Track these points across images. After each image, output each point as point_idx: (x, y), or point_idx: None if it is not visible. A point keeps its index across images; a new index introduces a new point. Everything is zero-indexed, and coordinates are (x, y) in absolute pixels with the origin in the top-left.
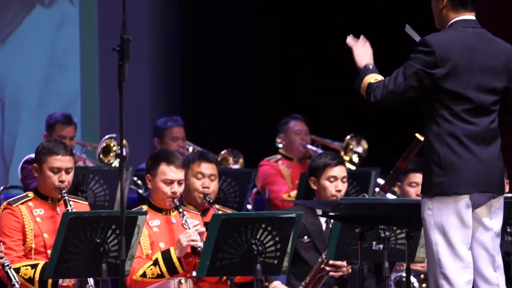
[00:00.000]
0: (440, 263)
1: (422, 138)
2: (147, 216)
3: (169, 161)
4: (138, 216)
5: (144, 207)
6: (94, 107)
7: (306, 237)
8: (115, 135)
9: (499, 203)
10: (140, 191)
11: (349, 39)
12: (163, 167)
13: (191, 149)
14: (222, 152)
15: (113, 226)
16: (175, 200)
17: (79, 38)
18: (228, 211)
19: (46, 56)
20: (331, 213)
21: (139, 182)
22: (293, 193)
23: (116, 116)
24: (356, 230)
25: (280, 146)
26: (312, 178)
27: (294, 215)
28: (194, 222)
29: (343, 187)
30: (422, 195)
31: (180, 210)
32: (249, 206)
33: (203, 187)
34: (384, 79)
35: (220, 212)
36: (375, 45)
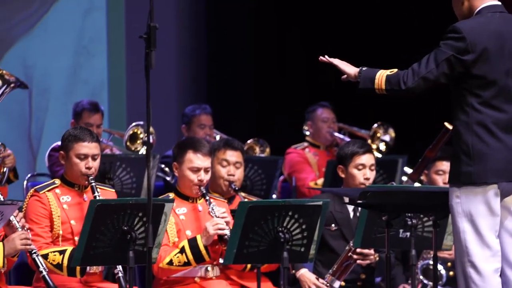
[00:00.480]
0: (468, 251)
1: (451, 127)
2: (174, 204)
3: (196, 149)
4: (165, 203)
5: (171, 195)
6: (121, 95)
7: (333, 225)
8: (142, 123)
9: None
10: (168, 178)
11: (324, 59)
12: (190, 155)
13: (218, 137)
14: (249, 141)
15: (140, 214)
16: (202, 187)
17: (106, 26)
18: (253, 198)
19: (73, 44)
20: (358, 200)
21: (166, 169)
22: (319, 181)
23: (143, 103)
24: (383, 218)
25: (307, 133)
26: (340, 166)
27: (321, 203)
28: (221, 209)
29: (371, 175)
30: (450, 184)
31: (207, 197)
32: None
33: (228, 175)
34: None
35: (245, 199)
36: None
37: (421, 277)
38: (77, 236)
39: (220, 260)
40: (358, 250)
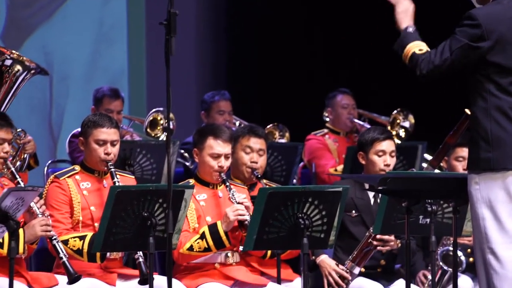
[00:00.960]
0: (487, 238)
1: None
2: (194, 190)
3: (216, 135)
4: (185, 190)
5: (191, 181)
6: (141, 81)
7: (354, 211)
8: (162, 109)
9: None
10: (187, 164)
11: None
12: (210, 141)
13: (237, 123)
14: (268, 126)
15: (160, 200)
16: (222, 174)
17: (126, 13)
18: (274, 186)
19: (93, 30)
20: (378, 187)
21: (185, 155)
22: (339, 167)
23: (163, 90)
24: (402, 204)
25: (327, 120)
26: (361, 152)
27: (340, 189)
28: (241, 196)
29: (391, 161)
30: (468, 170)
31: (227, 184)
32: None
33: (252, 162)
34: (430, 51)
35: (267, 186)
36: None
37: (441, 263)
38: (97, 222)
39: (240, 248)
40: (378, 237)
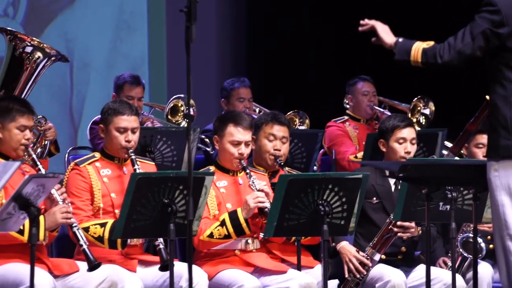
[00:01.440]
0: (506, 225)
1: None
2: (214, 177)
3: (236, 122)
4: (206, 176)
5: (212, 168)
6: (162, 68)
7: (375, 198)
8: (183, 96)
9: None
10: (208, 149)
11: (365, 24)
12: (231, 129)
13: (257, 110)
14: (288, 113)
15: (180, 187)
16: (242, 161)
17: (146, 0)
18: (295, 173)
19: (114, 18)
20: (398, 174)
21: (206, 140)
22: (359, 154)
23: (183, 77)
24: (422, 191)
25: (348, 107)
26: (382, 140)
27: (360, 176)
28: (261, 183)
29: (412, 148)
30: (487, 157)
31: (247, 171)
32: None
33: (275, 149)
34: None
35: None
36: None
37: (461, 250)
38: (117, 209)
39: (261, 234)
40: (399, 223)
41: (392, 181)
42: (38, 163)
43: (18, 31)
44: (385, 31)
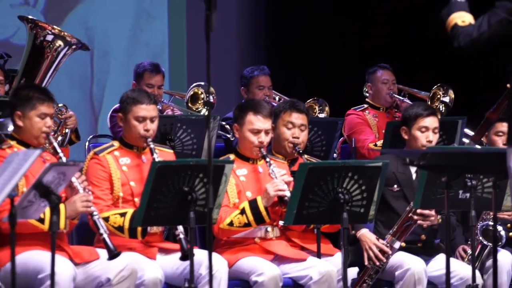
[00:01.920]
0: None
1: None
2: (234, 165)
3: (256, 110)
4: (225, 164)
5: (231, 156)
6: (182, 56)
7: (395, 185)
8: (203, 83)
9: None
10: (228, 136)
11: None
12: (251, 117)
13: (277, 98)
14: (308, 101)
15: (200, 175)
16: (262, 149)
17: None
18: (315, 161)
19: (134, 6)
20: (418, 162)
21: (227, 127)
22: (379, 142)
23: (203, 65)
24: (442, 179)
25: (367, 95)
26: (404, 127)
27: (380, 164)
28: (281, 171)
29: (434, 137)
30: (507, 145)
31: (267, 159)
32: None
33: (293, 137)
34: (470, 24)
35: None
36: None
37: (480, 238)
38: (137, 198)
39: (280, 222)
40: (419, 211)
41: (413, 169)
42: (59, 151)
43: (38, 20)
44: None
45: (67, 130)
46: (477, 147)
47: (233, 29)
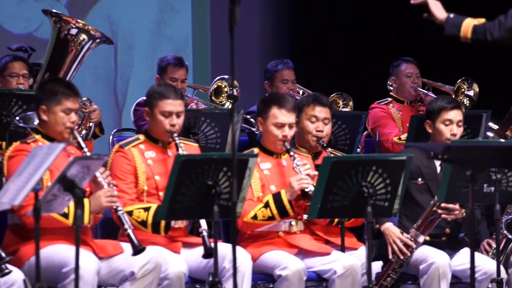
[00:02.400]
0: None
1: None
2: (258, 159)
3: (280, 104)
4: (249, 158)
5: (255, 150)
6: (206, 50)
7: (420, 179)
8: (227, 76)
9: None
10: (253, 129)
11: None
12: (274, 111)
13: (301, 92)
14: (332, 95)
15: (224, 169)
16: (286, 143)
17: None
18: (339, 154)
19: (158, 0)
20: (442, 155)
21: (251, 120)
22: (403, 136)
23: (227, 58)
24: (467, 173)
25: (391, 89)
26: (428, 121)
27: (404, 157)
28: (305, 165)
29: (458, 131)
30: None
31: (291, 153)
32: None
33: (317, 131)
34: (498, 17)
35: (332, 155)
36: None
37: (505, 232)
38: (161, 192)
39: (304, 216)
40: (443, 205)
41: (438, 162)
42: (83, 145)
43: (63, 13)
44: (437, 7)
45: (91, 124)
46: (501, 141)
47: (257, 22)
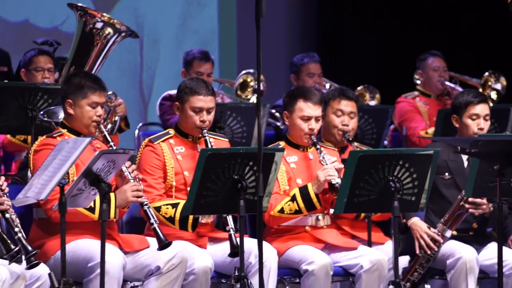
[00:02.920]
0: None
1: None
2: (285, 153)
3: (306, 97)
4: (276, 152)
5: (282, 144)
6: (232, 44)
7: (447, 173)
8: (252, 71)
9: None
10: (278, 124)
11: None
12: (301, 104)
13: (327, 85)
14: (359, 88)
15: (250, 163)
16: (313, 136)
17: None
18: (365, 148)
19: None
20: (469, 149)
21: (277, 115)
22: (430, 130)
23: (253, 52)
24: (494, 167)
25: (418, 82)
26: (455, 115)
27: (431, 152)
28: (332, 158)
29: (485, 125)
30: None
31: (318, 146)
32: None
33: (343, 125)
34: None
35: (358, 149)
36: None
37: None
38: (190, 187)
39: (331, 211)
40: (470, 200)
41: (465, 156)
42: (110, 139)
43: (88, 7)
44: None
45: (116, 118)
46: None
47: (283, 15)
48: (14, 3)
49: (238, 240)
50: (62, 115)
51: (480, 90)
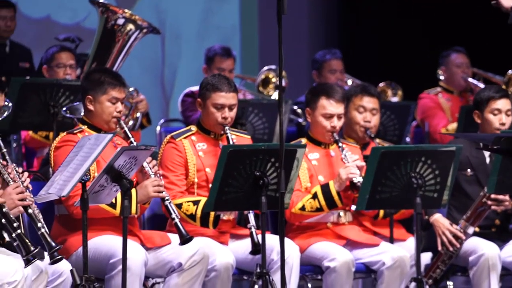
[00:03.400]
0: None
1: None
2: (306, 149)
3: (328, 95)
4: (297, 149)
5: (303, 140)
6: (253, 40)
7: (469, 170)
8: (274, 67)
9: None
10: (300, 120)
11: None
12: (323, 101)
13: (350, 82)
14: (381, 84)
15: (272, 159)
16: (334, 133)
17: None
18: (387, 145)
19: None
20: (491, 146)
21: (298, 111)
22: (452, 126)
23: (275, 48)
24: None
25: (441, 78)
26: (476, 111)
27: (454, 148)
28: (354, 156)
29: (507, 120)
30: None
31: (340, 144)
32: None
33: (365, 121)
34: None
35: (380, 146)
36: None
37: None
38: (211, 184)
39: (353, 207)
40: (493, 196)
41: (487, 153)
42: (130, 135)
43: (110, 4)
44: None
45: (138, 114)
46: None
47: (305, 11)
48: None
49: (260, 237)
50: (84, 111)
51: (504, 87)
